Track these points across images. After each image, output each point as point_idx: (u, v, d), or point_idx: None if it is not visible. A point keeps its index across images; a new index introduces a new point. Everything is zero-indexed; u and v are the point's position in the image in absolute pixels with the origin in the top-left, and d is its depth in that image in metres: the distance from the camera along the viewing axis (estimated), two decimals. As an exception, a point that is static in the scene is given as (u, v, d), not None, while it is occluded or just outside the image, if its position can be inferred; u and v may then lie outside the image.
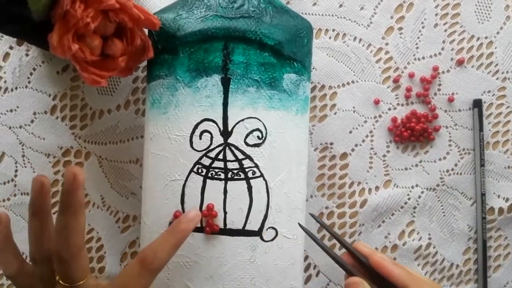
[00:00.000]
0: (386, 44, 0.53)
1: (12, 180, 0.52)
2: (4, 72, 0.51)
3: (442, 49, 0.53)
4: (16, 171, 0.52)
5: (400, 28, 0.53)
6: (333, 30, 0.52)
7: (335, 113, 0.53)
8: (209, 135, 0.43)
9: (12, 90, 0.51)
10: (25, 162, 0.52)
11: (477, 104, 0.52)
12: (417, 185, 0.53)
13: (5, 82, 0.51)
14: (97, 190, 0.52)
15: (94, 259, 0.53)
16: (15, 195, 0.52)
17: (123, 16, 0.38)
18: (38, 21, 0.36)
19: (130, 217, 0.52)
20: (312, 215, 0.43)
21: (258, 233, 0.43)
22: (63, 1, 0.35)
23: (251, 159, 0.43)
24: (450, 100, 0.53)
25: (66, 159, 0.52)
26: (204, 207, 0.43)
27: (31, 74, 0.51)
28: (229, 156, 0.43)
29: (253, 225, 0.43)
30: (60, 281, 0.36)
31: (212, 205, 0.43)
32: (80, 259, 0.36)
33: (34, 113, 0.52)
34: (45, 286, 0.38)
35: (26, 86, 0.51)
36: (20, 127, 0.52)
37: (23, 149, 0.52)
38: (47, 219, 0.38)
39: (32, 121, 0.52)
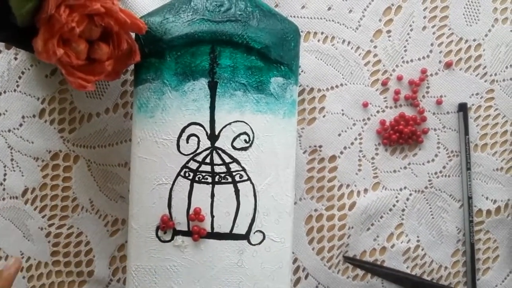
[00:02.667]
0: (375, 47, 0.53)
1: (1, 184, 0.52)
2: (-8, 76, 0.51)
3: (431, 51, 0.53)
4: (5, 175, 0.52)
5: (389, 31, 0.53)
6: (322, 33, 0.53)
7: (323, 116, 0.53)
8: (196, 138, 0.43)
9: (0, 94, 0.51)
10: (14, 166, 0.52)
11: (463, 107, 0.53)
12: (405, 188, 0.53)
13: (-7, 85, 0.51)
14: (86, 194, 0.52)
15: (83, 263, 0.52)
16: (3, 199, 0.52)
17: (109, 20, 0.38)
18: (23, 26, 0.36)
19: (119, 221, 0.52)
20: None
21: (246, 236, 0.43)
22: (48, 6, 0.35)
23: (238, 163, 0.43)
24: (439, 102, 0.53)
25: (55, 163, 0.52)
26: (191, 211, 0.43)
27: (19, 77, 0.51)
28: (216, 160, 0.43)
29: (240, 229, 0.43)
30: None
31: (199, 209, 0.43)
32: None
33: (23, 117, 0.52)
34: None
35: (15, 90, 0.51)
36: (9, 130, 0.52)
37: (11, 152, 0.52)
38: None
39: (20, 125, 0.52)
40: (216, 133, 0.43)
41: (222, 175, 0.43)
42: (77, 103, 0.52)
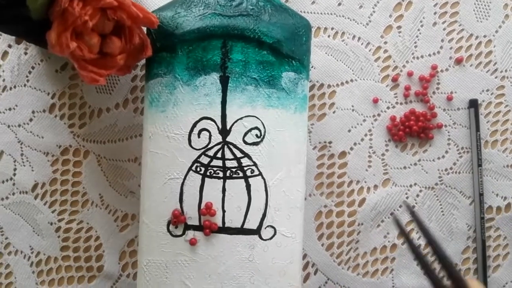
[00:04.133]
0: (385, 42, 0.53)
1: (11, 178, 0.52)
2: (3, 71, 0.51)
3: (441, 47, 0.53)
4: (14, 169, 0.52)
5: (399, 27, 0.53)
6: (332, 29, 0.52)
7: (334, 112, 0.53)
8: (208, 133, 0.43)
9: (10, 88, 0.51)
10: (24, 160, 0.52)
11: (473, 103, 0.52)
12: (415, 184, 0.53)
13: (3, 80, 0.51)
14: (96, 189, 0.52)
15: (93, 258, 0.52)
16: (13, 193, 0.52)
17: (122, 14, 0.38)
18: (36, 19, 0.36)
19: (129, 216, 0.52)
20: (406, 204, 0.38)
21: (257, 231, 0.43)
22: (61, -1, 0.35)
23: (250, 158, 0.43)
24: (449, 98, 0.53)
25: (65, 158, 0.52)
26: (202, 206, 0.43)
27: (29, 72, 0.51)
28: (228, 155, 0.43)
29: (251, 224, 0.43)
30: None
31: (211, 203, 0.42)
32: None
33: (33, 112, 0.52)
34: None
35: (25, 85, 0.51)
36: (19, 125, 0.52)
37: (21, 147, 0.52)
38: None
39: (30, 120, 0.52)
40: (228, 127, 0.43)
41: (234, 170, 0.43)
42: (87, 98, 0.52)
